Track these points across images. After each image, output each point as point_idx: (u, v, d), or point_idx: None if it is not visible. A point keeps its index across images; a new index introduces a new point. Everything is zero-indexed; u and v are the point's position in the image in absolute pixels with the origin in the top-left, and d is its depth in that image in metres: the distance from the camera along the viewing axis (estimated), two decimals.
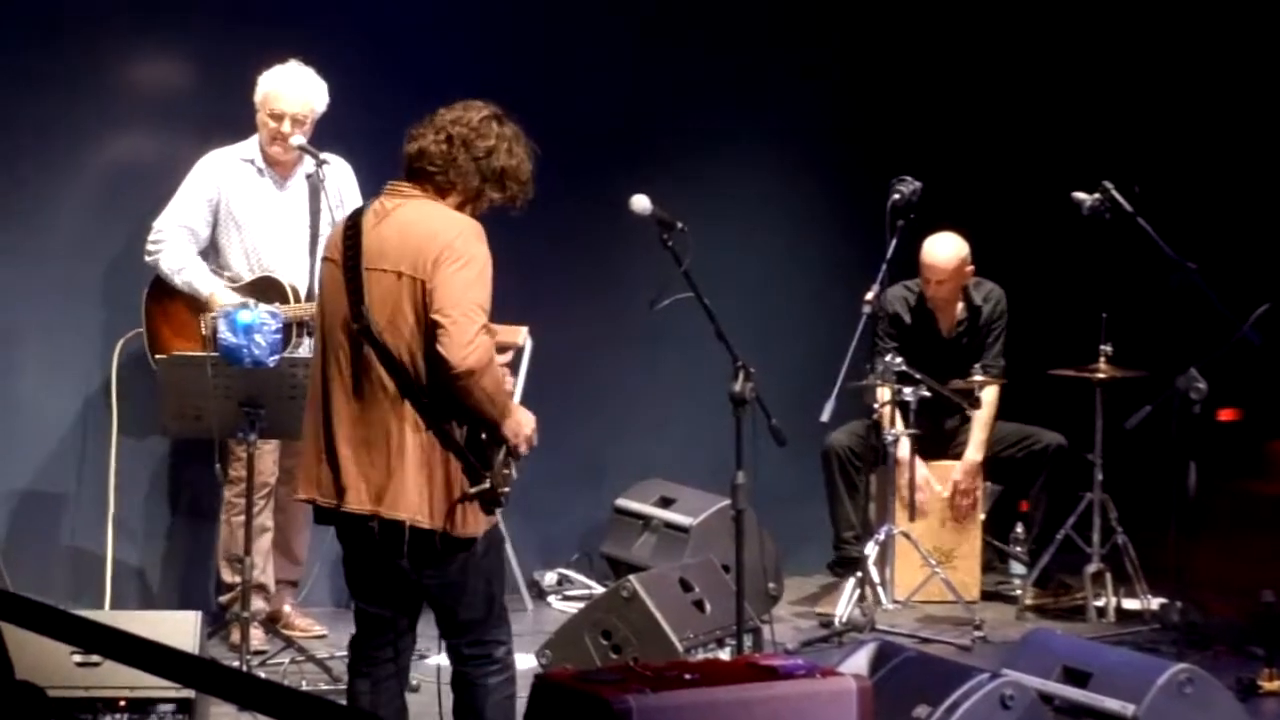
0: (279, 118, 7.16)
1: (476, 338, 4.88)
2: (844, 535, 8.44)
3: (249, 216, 7.27)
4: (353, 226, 5.08)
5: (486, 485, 4.97)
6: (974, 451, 8.45)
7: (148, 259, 7.25)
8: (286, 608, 7.54)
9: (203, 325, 7.16)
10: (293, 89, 7.19)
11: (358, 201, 7.30)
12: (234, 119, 7.39)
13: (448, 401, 4.94)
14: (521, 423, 5.08)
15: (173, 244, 7.21)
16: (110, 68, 7.80)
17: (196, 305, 7.21)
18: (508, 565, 7.58)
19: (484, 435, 4.99)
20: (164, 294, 7.26)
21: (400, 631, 5.25)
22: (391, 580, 5.13)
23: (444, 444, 4.97)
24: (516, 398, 5.67)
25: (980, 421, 8.44)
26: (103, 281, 7.72)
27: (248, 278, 7.25)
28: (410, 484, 4.95)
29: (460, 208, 5.10)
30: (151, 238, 7.25)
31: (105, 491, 7.32)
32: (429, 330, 4.90)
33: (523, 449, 5.10)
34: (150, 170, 7.68)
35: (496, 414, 4.99)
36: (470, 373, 4.87)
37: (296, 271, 7.27)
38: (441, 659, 7.12)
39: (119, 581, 7.38)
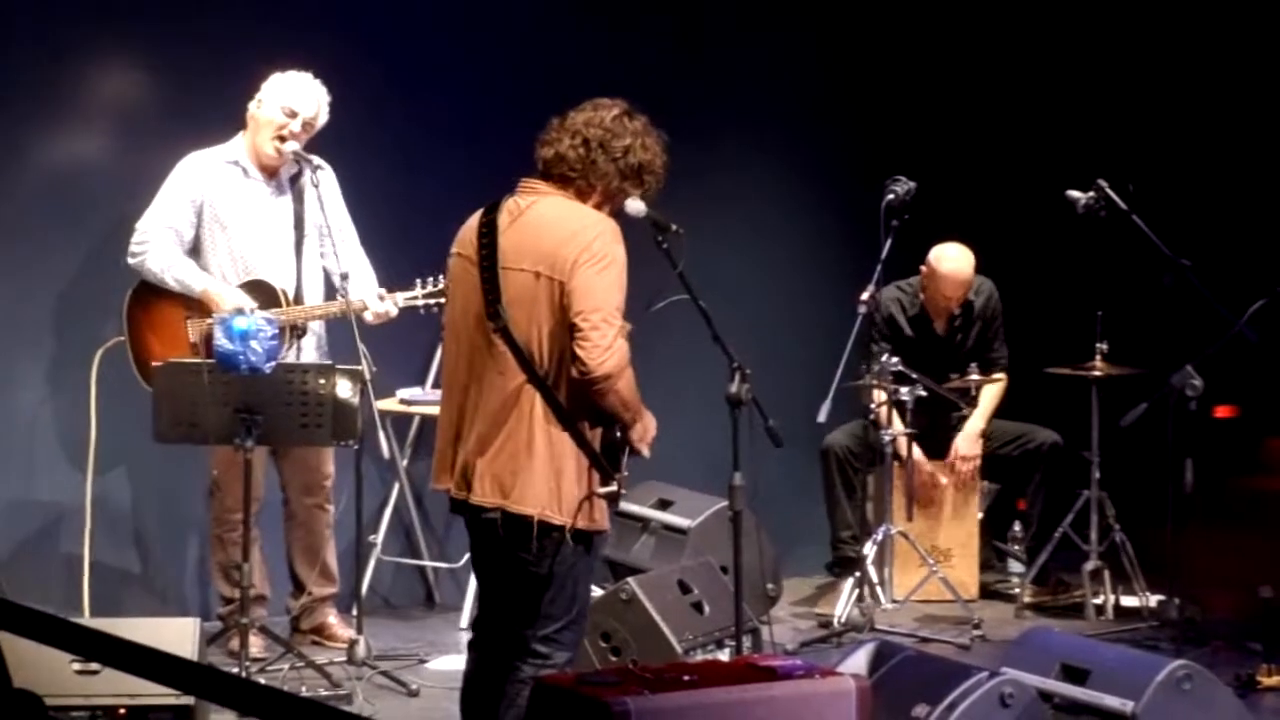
0: (292, 115, 7.16)
1: (615, 342, 4.94)
2: (842, 536, 8.45)
3: (235, 218, 7.24)
4: (488, 224, 5.10)
5: (614, 488, 5.06)
6: (977, 420, 8.46)
7: (131, 261, 7.20)
8: (331, 619, 7.54)
9: (190, 330, 7.15)
10: (308, 93, 7.20)
11: (340, 206, 7.30)
12: (206, 124, 7.40)
13: (582, 402, 4.99)
14: (648, 426, 5.16)
15: (157, 244, 7.17)
16: (75, 75, 7.75)
17: (182, 310, 7.18)
18: None
19: (617, 435, 5.05)
20: (148, 299, 7.22)
21: (504, 623, 5.23)
22: (509, 572, 5.15)
23: (578, 444, 5.02)
24: None
25: (988, 395, 8.44)
26: (81, 288, 7.69)
27: (234, 281, 7.21)
28: (539, 479, 4.99)
29: (598, 207, 5.15)
30: (135, 239, 7.19)
31: (83, 500, 7.30)
32: (568, 331, 4.94)
33: (644, 452, 5.16)
34: (120, 176, 7.66)
35: (629, 418, 5.06)
36: (607, 377, 4.93)
37: (284, 274, 7.26)
38: (443, 663, 7.15)
39: (98, 590, 7.33)
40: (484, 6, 8.48)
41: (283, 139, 7.17)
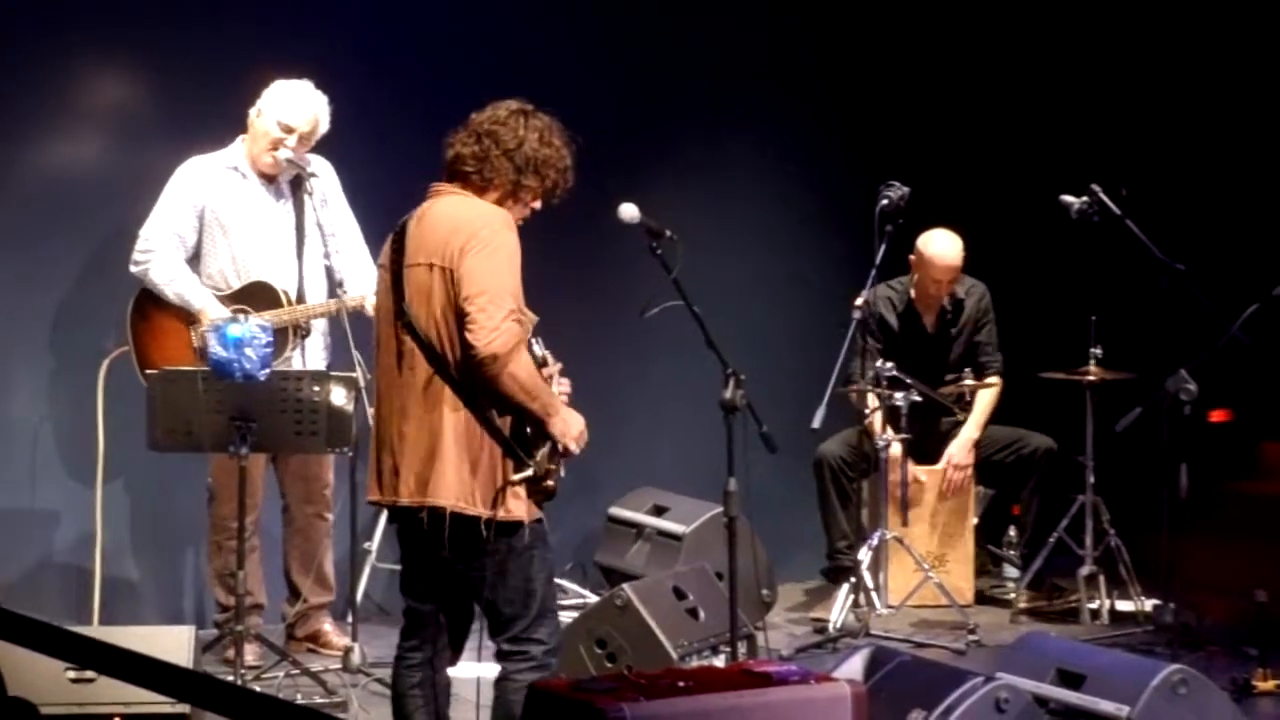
0: (288, 130, 7.16)
1: (502, 323, 4.95)
2: (837, 545, 8.45)
3: (236, 222, 7.25)
4: (399, 231, 5.21)
5: (530, 472, 5.03)
6: (971, 428, 8.46)
7: (134, 269, 7.21)
8: (326, 626, 7.55)
9: (194, 337, 7.15)
10: (305, 107, 7.20)
11: (341, 200, 7.33)
12: (205, 129, 7.40)
13: (485, 390, 5.01)
14: (569, 422, 5.13)
15: (162, 253, 7.18)
16: (74, 80, 7.76)
17: (186, 315, 7.20)
18: None
19: (528, 429, 5.05)
20: (150, 307, 7.22)
21: (439, 629, 5.29)
22: (437, 573, 5.20)
23: (487, 431, 5.04)
24: None
25: (982, 401, 8.45)
26: (83, 296, 7.70)
27: (235, 284, 7.23)
28: (450, 470, 5.03)
29: (501, 203, 5.21)
30: (139, 247, 7.20)
31: (93, 510, 7.30)
32: (458, 317, 5.00)
33: (573, 449, 5.15)
34: (120, 182, 7.66)
35: (536, 408, 5.05)
36: (494, 357, 4.93)
37: (285, 276, 7.26)
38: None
39: (108, 599, 7.35)
40: (481, 9, 8.48)
41: (276, 148, 7.17)
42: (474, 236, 5.03)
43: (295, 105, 7.19)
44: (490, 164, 5.20)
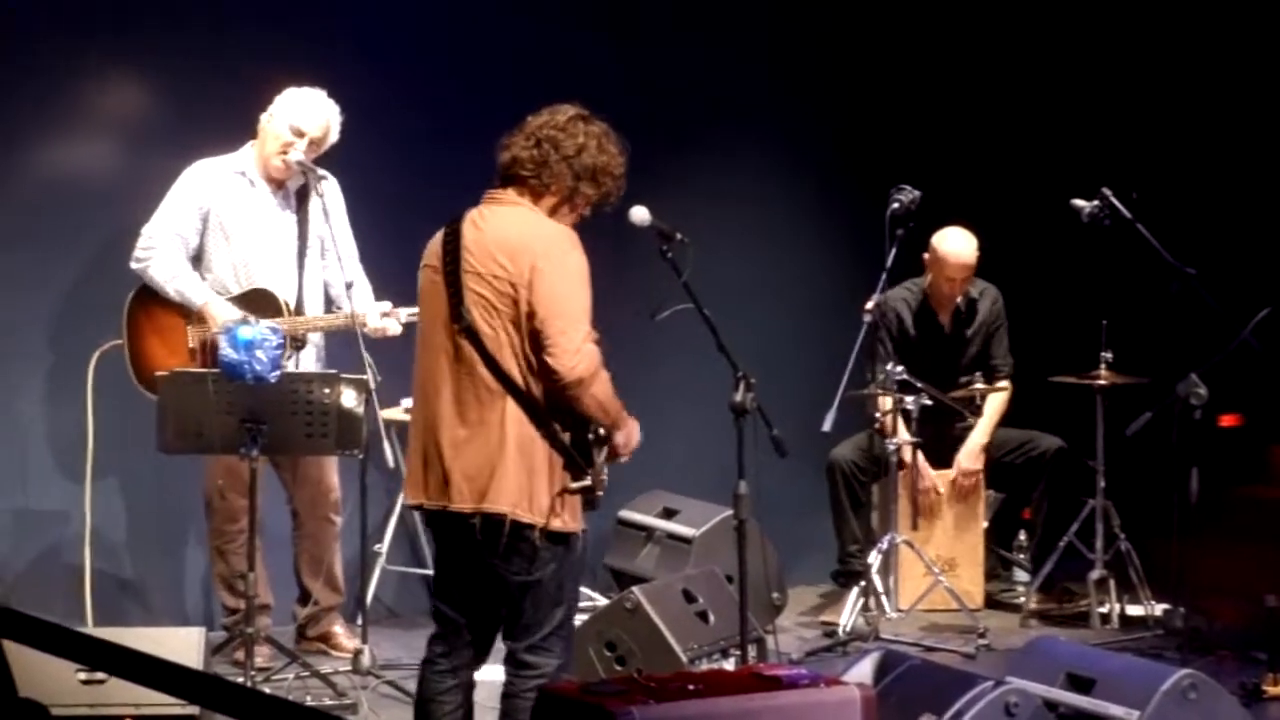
0: (299, 134, 7.17)
1: (583, 345, 5.01)
2: (849, 550, 8.44)
3: (239, 228, 7.25)
4: (452, 233, 5.17)
5: (588, 482, 5.06)
6: (980, 435, 8.44)
7: (135, 266, 7.20)
8: (336, 628, 7.56)
9: (190, 336, 7.15)
10: (318, 113, 7.21)
11: (343, 217, 7.31)
12: (211, 133, 7.40)
13: (553, 402, 5.04)
14: (632, 433, 5.21)
15: (163, 251, 7.18)
16: (79, 82, 7.75)
17: (183, 315, 7.18)
18: None
19: (592, 435, 5.08)
20: (149, 304, 7.21)
21: (470, 635, 5.27)
22: (480, 582, 5.18)
23: (549, 441, 5.05)
24: None
25: (992, 406, 8.44)
26: (82, 296, 7.69)
27: (234, 290, 7.22)
28: (510, 478, 5.02)
29: (556, 209, 5.21)
30: (141, 244, 7.19)
31: (83, 508, 7.28)
32: (533, 339, 5.01)
33: (625, 457, 5.21)
34: (124, 184, 7.66)
35: (609, 421, 5.11)
36: (579, 381, 5.00)
37: (285, 285, 7.26)
38: None
39: (100, 600, 7.32)
40: (486, 14, 8.48)
41: (286, 152, 7.18)
42: (545, 256, 5.03)
43: (308, 110, 7.21)
44: (550, 169, 5.18)
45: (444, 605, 5.33)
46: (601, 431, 5.10)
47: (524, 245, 5.05)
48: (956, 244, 8.38)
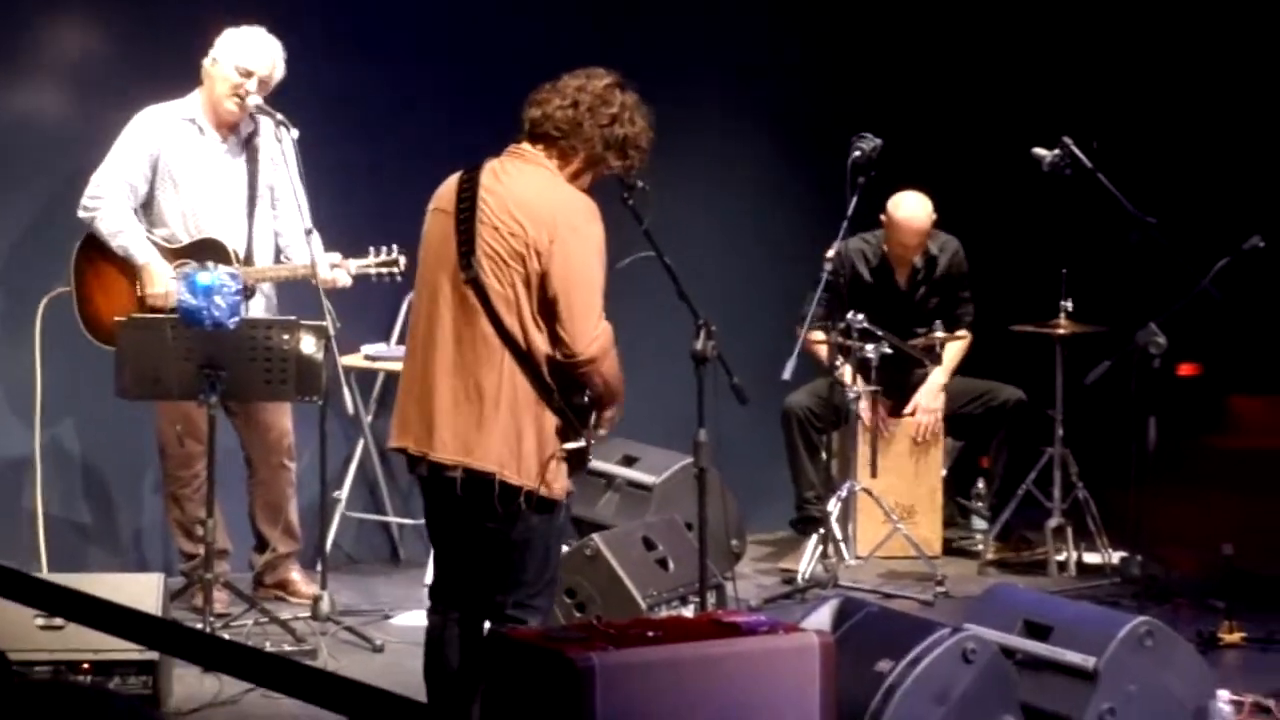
0: (247, 74, 7.11)
1: (599, 324, 5.01)
2: (806, 496, 8.46)
3: (188, 176, 7.18)
4: (469, 180, 5.09)
5: (581, 443, 5.07)
6: (940, 374, 8.45)
7: (83, 214, 7.12)
8: (294, 575, 7.54)
9: (137, 286, 7.09)
10: (262, 51, 7.14)
11: (294, 165, 7.22)
12: (160, 78, 7.34)
13: (556, 370, 5.01)
14: (619, 411, 5.21)
15: (111, 202, 7.11)
16: (28, 28, 7.67)
17: (128, 269, 7.13)
18: None
19: (586, 399, 5.07)
20: (96, 253, 7.15)
21: (466, 583, 5.25)
22: (467, 531, 5.16)
23: (546, 403, 5.02)
24: None
25: (951, 351, 8.43)
26: (30, 242, 7.62)
27: (183, 238, 7.17)
28: (497, 435, 4.99)
29: (579, 174, 5.15)
30: (89, 193, 7.12)
31: (33, 453, 7.24)
32: (546, 307, 4.97)
33: (607, 430, 5.22)
34: (73, 131, 7.59)
35: (610, 397, 5.11)
36: (592, 360, 4.99)
37: (234, 234, 7.21)
38: (408, 618, 7.15)
39: (55, 545, 7.27)
40: None
41: (241, 96, 7.12)
42: (568, 227, 4.99)
43: (252, 49, 7.14)
44: (582, 133, 5.11)
45: (438, 552, 5.38)
46: (589, 403, 5.09)
47: (546, 210, 5.00)
48: (909, 210, 8.39)
